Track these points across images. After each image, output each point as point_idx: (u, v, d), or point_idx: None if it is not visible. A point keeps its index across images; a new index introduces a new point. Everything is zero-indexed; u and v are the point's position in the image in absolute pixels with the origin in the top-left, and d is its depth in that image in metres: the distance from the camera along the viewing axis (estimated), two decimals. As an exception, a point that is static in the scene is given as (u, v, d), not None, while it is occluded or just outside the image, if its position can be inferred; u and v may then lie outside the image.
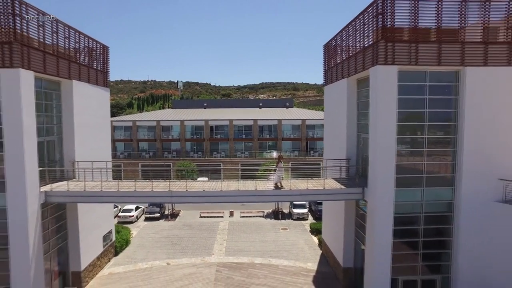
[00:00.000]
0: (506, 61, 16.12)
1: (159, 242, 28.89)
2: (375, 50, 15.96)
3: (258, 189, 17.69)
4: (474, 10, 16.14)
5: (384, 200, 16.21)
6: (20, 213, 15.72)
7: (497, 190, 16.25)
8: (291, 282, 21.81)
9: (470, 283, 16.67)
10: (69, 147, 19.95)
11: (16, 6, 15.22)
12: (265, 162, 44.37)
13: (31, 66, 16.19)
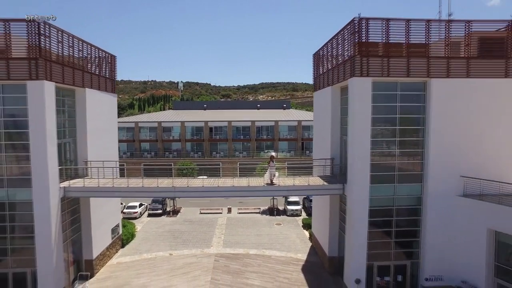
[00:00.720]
0: (465, 74, 18.63)
1: (162, 235, 31.43)
2: (352, 63, 18.47)
3: (250, 185, 20.25)
4: (437, 29, 18.67)
5: (360, 195, 18.71)
6: (44, 206, 18.25)
7: (459, 185, 18.74)
8: (282, 270, 24.33)
9: (436, 267, 19.19)
10: (82, 148, 22.47)
11: (41, 27, 17.75)
12: (262, 162, 46.87)
13: (53, 78, 18.71)
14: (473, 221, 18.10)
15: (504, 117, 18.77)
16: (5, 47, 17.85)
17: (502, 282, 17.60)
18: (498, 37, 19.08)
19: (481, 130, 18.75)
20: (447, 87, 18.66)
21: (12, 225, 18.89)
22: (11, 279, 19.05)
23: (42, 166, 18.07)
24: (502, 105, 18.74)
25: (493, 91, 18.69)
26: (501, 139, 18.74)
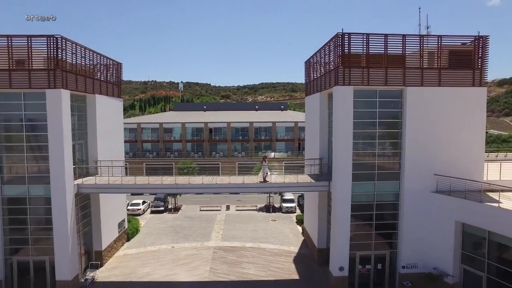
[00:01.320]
0: (437, 83, 20.93)
1: (164, 230, 33.77)
2: (336, 73, 20.79)
3: (245, 182, 22.59)
4: (412, 42, 20.98)
5: (343, 191, 20.97)
6: (61, 201, 20.56)
7: (432, 183, 21.01)
8: (275, 261, 26.67)
9: (411, 256, 21.48)
10: (93, 149, 24.82)
11: (59, 41, 20.07)
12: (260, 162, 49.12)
13: (68, 86, 21.01)
14: (443, 214, 20.39)
15: (471, 122, 21.04)
16: (27, 60, 20.16)
17: (467, 268, 19.96)
18: (466, 50, 21.38)
19: (451, 133, 21.02)
20: (421, 95, 20.94)
21: (33, 217, 21.23)
22: (32, 266, 21.41)
23: (59, 165, 20.38)
24: (469, 111, 21.01)
25: (462, 98, 20.96)
26: (469, 141, 21.00)
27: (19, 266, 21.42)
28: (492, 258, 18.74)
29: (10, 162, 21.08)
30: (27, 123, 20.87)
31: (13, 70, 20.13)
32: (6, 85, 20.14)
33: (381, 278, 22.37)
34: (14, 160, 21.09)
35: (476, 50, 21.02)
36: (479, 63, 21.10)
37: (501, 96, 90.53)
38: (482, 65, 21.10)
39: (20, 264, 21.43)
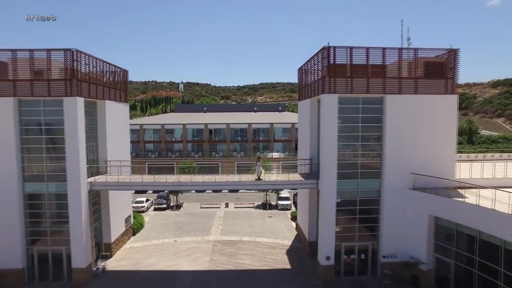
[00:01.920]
0: (414, 91, 23.44)
1: (167, 226, 36.30)
2: (323, 83, 23.31)
3: (241, 180, 25.14)
4: (392, 54, 23.48)
5: (329, 188, 23.48)
6: (76, 197, 23.09)
7: (409, 181, 23.53)
8: (270, 253, 29.19)
9: (391, 246, 23.99)
10: (103, 150, 27.34)
11: (74, 54, 22.60)
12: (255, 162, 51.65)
13: (82, 94, 23.54)
14: (418, 209, 22.91)
15: (444, 126, 23.57)
16: (47, 70, 22.71)
17: (439, 256, 22.53)
18: (439, 61, 23.90)
19: (426, 136, 23.54)
20: (400, 102, 23.46)
21: (50, 212, 23.78)
22: (51, 256, 23.96)
23: (75, 165, 22.92)
24: (442, 116, 23.54)
25: (435, 105, 23.49)
26: (441, 144, 23.53)
27: (39, 255, 23.96)
28: (459, 247, 21.30)
29: (31, 162, 23.60)
30: (46, 127, 23.41)
31: (34, 80, 22.67)
32: (28, 93, 22.72)
33: (364, 266, 24.90)
34: (34, 160, 23.61)
35: (448, 62, 23.56)
36: (450, 73, 23.63)
37: (494, 98, 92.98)
38: (453, 75, 23.65)
39: (40, 253, 23.97)
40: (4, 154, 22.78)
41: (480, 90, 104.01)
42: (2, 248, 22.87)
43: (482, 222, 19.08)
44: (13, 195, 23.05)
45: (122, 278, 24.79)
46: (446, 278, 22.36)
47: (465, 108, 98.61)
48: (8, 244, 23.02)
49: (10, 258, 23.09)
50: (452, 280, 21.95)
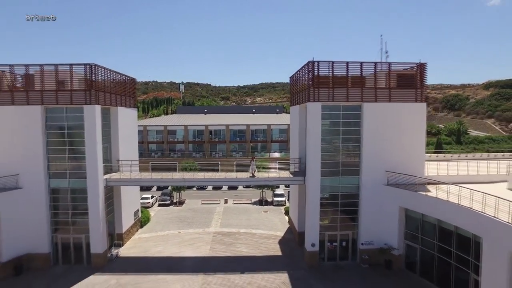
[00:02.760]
0: (388, 99, 27.15)
1: (171, 220, 40.07)
2: (308, 92, 27.03)
3: (238, 177, 28.91)
4: (368, 68, 27.20)
5: (314, 184, 27.18)
6: (94, 192, 26.84)
7: (384, 178, 27.22)
8: (264, 242, 32.94)
9: (368, 235, 27.66)
10: (115, 150, 31.09)
11: (93, 68, 26.37)
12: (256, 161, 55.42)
13: (99, 102, 27.29)
14: (391, 202, 26.60)
15: (414, 130, 27.28)
16: (69, 82, 26.49)
17: (408, 242, 26.26)
18: (410, 74, 27.61)
19: (399, 138, 27.23)
20: (375, 109, 27.17)
21: (72, 205, 27.56)
22: (72, 243, 27.75)
23: (94, 164, 26.68)
24: (412, 121, 27.25)
25: (406, 111, 27.19)
26: (412, 145, 27.24)
27: (62, 242, 27.73)
28: (424, 234, 25.03)
29: (55, 161, 27.35)
30: (68, 131, 27.18)
31: (59, 90, 26.44)
32: (54, 101, 26.50)
33: (345, 253, 28.62)
34: (58, 160, 27.37)
35: (417, 74, 27.28)
36: (419, 84, 27.34)
37: (485, 99, 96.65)
38: (421, 85, 27.36)
39: (63, 240, 27.75)
40: (33, 154, 26.56)
41: (473, 92, 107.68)
42: (32, 235, 26.62)
43: (440, 211, 22.78)
44: (40, 190, 26.84)
45: (133, 262, 28.56)
46: (414, 262, 26.10)
47: (458, 109, 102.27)
48: (37, 232, 26.81)
49: (38, 244, 26.89)
50: (418, 262, 25.70)
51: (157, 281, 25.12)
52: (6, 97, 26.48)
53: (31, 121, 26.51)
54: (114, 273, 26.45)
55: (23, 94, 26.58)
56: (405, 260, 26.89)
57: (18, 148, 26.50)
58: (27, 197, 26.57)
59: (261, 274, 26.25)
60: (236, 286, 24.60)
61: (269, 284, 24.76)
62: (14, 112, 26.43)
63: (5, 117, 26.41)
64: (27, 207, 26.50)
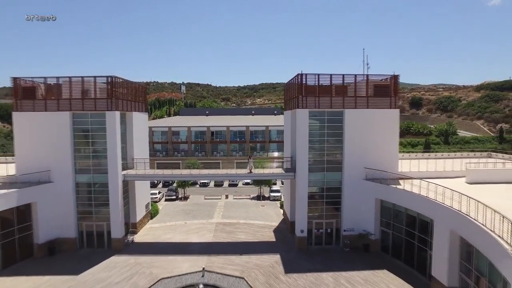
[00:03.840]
0: (366, 106, 31.93)
1: (177, 212, 44.91)
2: (297, 100, 31.82)
3: (237, 173, 33.74)
4: (349, 79, 31.99)
5: (303, 179, 31.97)
6: (115, 185, 31.67)
7: (363, 173, 31.97)
8: (260, 231, 37.73)
9: (349, 222, 32.44)
10: (130, 150, 35.92)
11: (114, 80, 31.20)
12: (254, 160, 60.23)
13: (118, 108, 32.11)
14: (369, 194, 31.35)
15: (388, 133, 32.03)
16: (93, 91, 31.33)
17: (383, 228, 31.03)
18: (385, 84, 32.39)
19: (375, 140, 31.98)
20: (355, 114, 31.93)
21: (95, 196, 32.38)
22: (95, 229, 32.60)
23: (114, 162, 31.50)
24: (387, 125, 32.01)
25: (382, 117, 31.94)
26: (386, 146, 32.00)
27: (86, 228, 32.58)
28: (395, 221, 29.81)
29: (81, 159, 32.18)
30: (92, 133, 32.01)
31: (84, 99, 31.29)
32: (80, 108, 31.34)
33: (330, 238, 33.40)
34: (83, 158, 32.20)
35: (391, 85, 32.06)
36: (393, 93, 32.13)
37: (476, 101, 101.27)
38: (394, 94, 32.15)
39: (87, 227, 32.59)
40: (62, 153, 31.41)
41: (465, 94, 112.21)
42: (61, 222, 31.46)
43: (406, 201, 27.55)
44: (68, 183, 31.69)
45: (147, 246, 33.39)
46: (388, 245, 30.88)
47: (450, 110, 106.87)
48: (65, 219, 31.66)
49: (67, 230, 31.74)
50: (390, 245, 30.49)
51: (168, 261, 29.94)
52: (41, 104, 31.35)
53: (60, 125, 31.35)
54: (131, 254, 31.29)
55: (54, 102, 31.43)
56: (381, 244, 31.67)
57: (50, 147, 31.34)
58: (57, 189, 31.42)
59: (257, 256, 31.04)
60: (235, 264, 29.41)
61: (264, 263, 29.57)
62: (47, 117, 31.28)
63: (40, 122, 31.26)
64: (57, 198, 31.36)
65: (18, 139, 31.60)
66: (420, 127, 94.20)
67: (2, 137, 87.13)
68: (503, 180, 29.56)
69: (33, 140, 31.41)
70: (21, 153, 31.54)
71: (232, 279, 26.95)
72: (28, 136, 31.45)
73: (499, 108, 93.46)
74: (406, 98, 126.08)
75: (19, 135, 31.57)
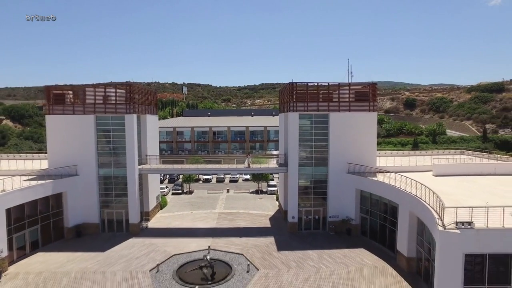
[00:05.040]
0: (348, 110, 37.50)
1: (184, 204, 50.52)
2: (288, 105, 37.41)
3: (237, 167, 39.38)
4: (333, 87, 37.56)
5: (293, 173, 37.54)
6: (132, 178, 37.28)
7: (346, 167, 37.49)
8: (257, 219, 43.31)
9: (334, 210, 37.98)
10: (144, 147, 41.53)
11: (132, 87, 36.82)
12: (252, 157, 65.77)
13: (135, 112, 37.71)
14: (350, 185, 36.87)
15: (367, 133, 37.59)
16: (114, 97, 36.95)
17: (363, 215, 36.59)
18: (364, 91, 37.97)
19: (356, 139, 37.51)
20: (339, 117, 37.47)
21: (115, 187, 37.98)
22: (115, 216, 38.23)
23: (132, 157, 37.10)
24: (366, 126, 37.57)
25: (362, 119, 37.48)
26: (366, 144, 37.55)
27: (107, 215, 38.20)
28: (371, 208, 35.37)
29: (103, 155, 37.77)
30: (113, 133, 37.61)
31: (106, 103, 36.91)
32: (102, 112, 36.97)
33: (317, 224, 38.95)
34: (105, 154, 37.79)
35: (370, 91, 37.64)
36: (371, 98, 37.70)
37: (466, 102, 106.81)
38: (373, 100, 37.71)
39: (108, 214, 38.21)
40: (87, 149, 37.02)
41: (457, 95, 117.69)
42: (87, 210, 37.08)
43: (380, 190, 33.07)
44: (92, 176, 37.30)
45: (159, 231, 38.99)
46: (366, 229, 36.44)
47: (442, 111, 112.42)
48: (90, 207, 37.28)
49: (91, 216, 37.37)
50: (368, 229, 36.04)
51: (179, 242, 35.50)
52: (69, 109, 37.02)
53: (86, 126, 36.97)
54: (146, 237, 36.88)
55: (80, 106, 37.08)
56: (361, 228, 37.21)
57: (77, 145, 36.96)
58: (83, 181, 37.05)
59: (254, 238, 36.61)
60: (236, 244, 34.96)
61: (260, 244, 35.13)
62: (74, 120, 36.92)
63: (68, 123, 36.90)
64: (83, 189, 36.99)
65: (50, 138, 37.29)
66: (413, 128, 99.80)
67: (15, 136, 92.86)
68: (462, 173, 35.19)
69: (62, 139, 37.06)
70: (52, 150, 37.22)
71: (233, 255, 32.49)
72: (59, 135, 37.10)
73: (486, 109, 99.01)
74: (401, 99, 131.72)
75: (51, 135, 37.25)
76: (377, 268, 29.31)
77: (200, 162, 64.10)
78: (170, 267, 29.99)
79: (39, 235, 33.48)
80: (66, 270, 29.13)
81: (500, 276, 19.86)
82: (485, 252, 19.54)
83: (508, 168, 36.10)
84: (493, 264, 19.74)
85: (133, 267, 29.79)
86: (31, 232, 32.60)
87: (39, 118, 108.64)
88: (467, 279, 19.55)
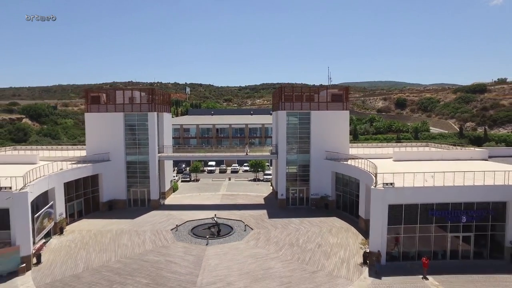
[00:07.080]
0: (326, 109, 47.47)
1: (192, 188, 60.64)
2: (278, 105, 47.44)
3: (237, 154, 49.56)
4: (314, 90, 47.55)
5: (282, 159, 47.52)
6: (153, 163, 47.33)
7: (324, 155, 47.45)
8: (254, 199, 53.35)
9: (315, 188, 47.84)
10: (161, 139, 51.60)
11: (154, 90, 46.93)
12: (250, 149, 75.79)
13: (156, 110, 47.77)
14: (328, 169, 46.81)
15: (341, 127, 47.54)
16: (139, 99, 47.08)
17: (337, 192, 46.57)
18: (339, 93, 47.95)
19: (333, 132, 47.43)
20: (318, 114, 47.43)
21: (140, 171, 48.06)
22: (139, 194, 48.38)
23: (153, 147, 47.18)
24: (340, 122, 47.52)
25: (337, 116, 47.40)
26: (340, 136, 47.49)
27: (133, 193, 48.28)
28: (344, 186, 45.33)
29: (130, 145, 47.83)
30: (138, 127, 47.70)
31: (133, 103, 47.03)
32: (129, 110, 47.10)
33: (301, 200, 48.89)
34: (131, 144, 47.85)
35: (343, 94, 47.64)
36: (345, 99, 47.70)
37: (451, 102, 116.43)
38: (346, 100, 47.71)
39: (133, 193, 48.29)
40: (117, 140, 47.11)
41: (444, 95, 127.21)
42: (116, 188, 47.16)
43: (349, 171, 42.99)
44: (121, 161, 47.38)
45: (174, 206, 49.07)
46: (340, 203, 46.38)
47: (430, 110, 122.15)
48: (119, 186, 47.36)
49: (120, 194, 47.46)
50: (341, 203, 45.99)
51: (191, 213, 45.53)
52: (103, 107, 47.15)
53: (116, 121, 47.05)
54: (165, 210, 46.95)
55: (112, 105, 47.18)
56: (336, 203, 47.15)
57: (109, 136, 47.04)
58: (114, 166, 47.13)
59: (250, 211, 46.63)
60: (236, 215, 44.89)
61: (255, 214, 45.12)
62: (107, 116, 47.02)
63: (103, 120, 47.02)
64: (114, 172, 47.08)
65: (88, 131, 47.44)
66: (401, 126, 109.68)
67: (35, 134, 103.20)
68: (416, 159, 45.19)
69: (98, 132, 47.18)
70: (90, 140, 47.38)
71: (234, 221, 42.47)
72: (94, 129, 47.23)
73: (468, 109, 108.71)
74: (393, 99, 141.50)
75: (89, 128, 47.41)
76: (342, 228, 39.33)
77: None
78: (186, 228, 40.08)
79: (82, 206, 43.61)
80: (108, 229, 39.25)
81: (412, 218, 29.85)
82: (402, 203, 29.51)
83: (452, 155, 46.11)
84: (407, 211, 29.72)
85: (157, 228, 39.90)
86: (77, 203, 42.73)
87: (54, 117, 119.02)
88: (390, 221, 29.48)
